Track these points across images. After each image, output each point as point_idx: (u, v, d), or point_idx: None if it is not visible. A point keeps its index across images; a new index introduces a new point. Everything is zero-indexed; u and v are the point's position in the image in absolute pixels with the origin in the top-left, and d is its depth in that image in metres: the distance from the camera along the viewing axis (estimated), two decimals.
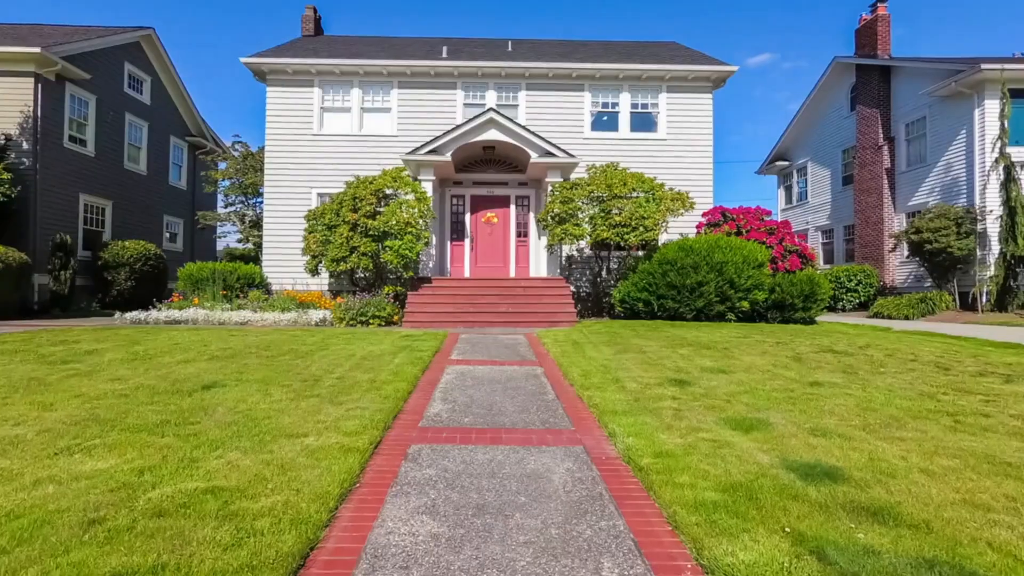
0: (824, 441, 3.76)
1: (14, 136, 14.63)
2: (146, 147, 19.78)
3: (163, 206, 21.00)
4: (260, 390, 5.19)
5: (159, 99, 20.55)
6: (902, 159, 19.01)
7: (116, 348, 7.52)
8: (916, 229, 16.12)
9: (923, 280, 17.67)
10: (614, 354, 7.54)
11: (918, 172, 18.28)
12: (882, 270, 19.17)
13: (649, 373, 6.17)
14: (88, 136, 16.91)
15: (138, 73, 19.27)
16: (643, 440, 3.78)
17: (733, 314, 12.28)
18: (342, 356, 7.14)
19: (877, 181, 19.51)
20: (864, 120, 20.09)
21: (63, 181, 15.82)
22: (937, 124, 17.47)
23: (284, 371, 6.10)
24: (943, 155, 17.18)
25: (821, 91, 22.95)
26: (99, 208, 17.53)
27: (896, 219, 19.17)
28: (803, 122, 24.73)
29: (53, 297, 14.56)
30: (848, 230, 21.91)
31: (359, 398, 4.95)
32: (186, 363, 6.48)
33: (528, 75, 15.71)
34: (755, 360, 6.98)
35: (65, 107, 15.90)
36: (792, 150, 26.00)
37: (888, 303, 16.30)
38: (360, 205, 12.64)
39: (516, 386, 5.77)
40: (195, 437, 3.73)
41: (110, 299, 16.23)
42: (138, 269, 16.48)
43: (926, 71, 17.73)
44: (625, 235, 12.44)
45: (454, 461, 3.52)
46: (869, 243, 19.91)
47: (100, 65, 17.17)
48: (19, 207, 14.46)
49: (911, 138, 18.71)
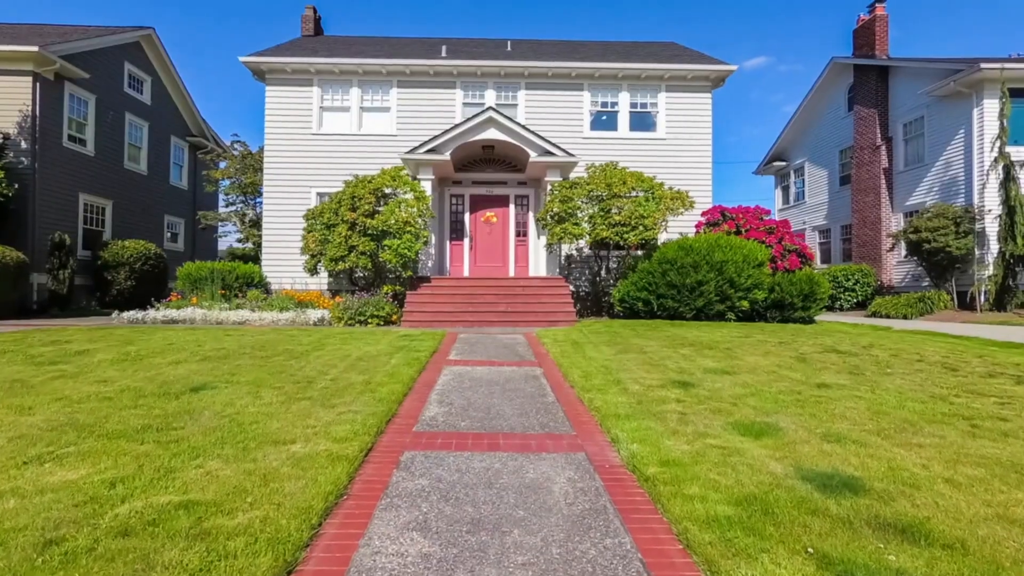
0: (839, 448, 3.51)
1: (12, 135, 14.36)
2: (147, 147, 19.50)
3: (164, 206, 20.72)
4: (250, 392, 4.94)
5: (160, 99, 20.28)
6: (900, 159, 18.76)
7: (108, 348, 7.26)
8: (915, 228, 15.87)
9: (921, 279, 17.42)
10: (615, 354, 7.29)
11: (916, 172, 18.03)
12: (880, 269, 18.92)
13: (652, 374, 5.91)
14: (88, 136, 16.63)
15: (138, 73, 18.99)
16: (648, 447, 3.53)
17: (733, 313, 12.04)
18: (337, 357, 6.89)
19: (875, 181, 19.26)
20: (862, 120, 19.83)
21: (62, 180, 15.55)
22: (935, 124, 17.22)
23: (277, 372, 5.85)
24: (941, 155, 16.93)
25: (818, 92, 22.70)
26: (99, 208, 17.26)
27: (894, 219, 18.92)
28: (800, 123, 24.48)
29: (52, 296, 14.30)
30: (845, 230, 21.66)
31: (352, 401, 4.70)
32: (177, 364, 6.22)
33: (527, 74, 15.45)
34: (759, 361, 6.73)
35: (64, 106, 15.63)
36: (789, 151, 25.75)
37: (886, 302, 16.06)
38: (359, 204, 12.38)
39: (515, 388, 5.52)
40: (176, 444, 3.48)
41: (110, 299, 15.96)
42: (138, 269, 16.21)
43: (924, 71, 17.48)
44: (625, 234, 12.19)
45: (449, 470, 3.27)
46: (867, 243, 19.66)
47: (100, 65, 16.90)
48: (18, 206, 14.19)
49: (909, 138, 18.46)
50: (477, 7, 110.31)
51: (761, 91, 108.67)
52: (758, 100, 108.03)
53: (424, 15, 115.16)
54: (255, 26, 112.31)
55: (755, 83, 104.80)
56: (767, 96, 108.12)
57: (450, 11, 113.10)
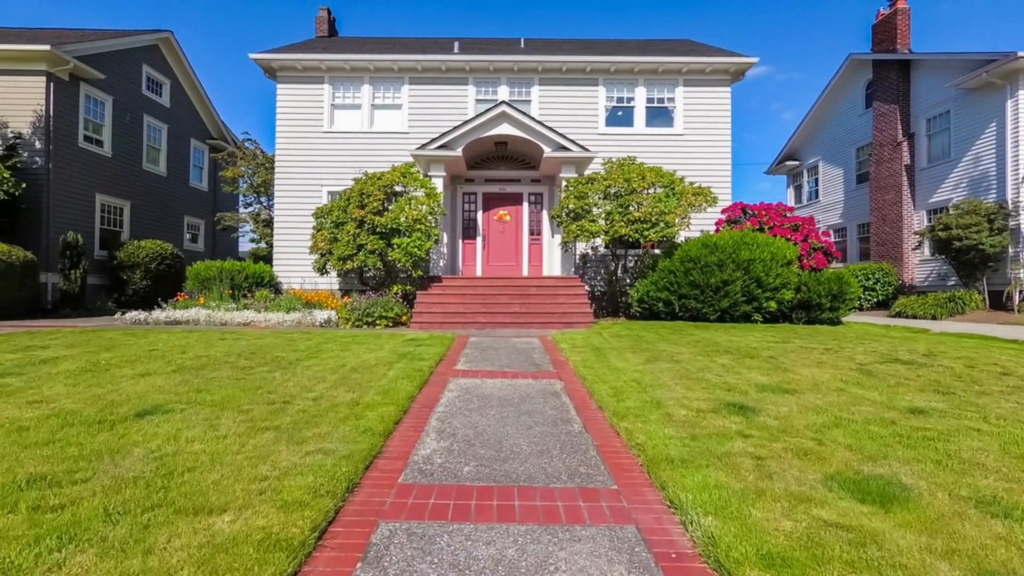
0: (1019, 528, 2.22)
1: (26, 135, 13.43)
2: (165, 149, 18.54)
3: (184, 207, 19.78)
4: (208, 418, 3.76)
5: (179, 102, 19.32)
6: (923, 155, 17.17)
7: (81, 356, 6.15)
8: (944, 226, 14.31)
9: (946, 278, 15.86)
10: (644, 364, 6.02)
11: (941, 168, 16.44)
12: (901, 268, 17.35)
13: (695, 393, 4.64)
14: (105, 136, 15.69)
15: (157, 76, 18.03)
16: (731, 524, 2.27)
17: (759, 315, 10.67)
18: (330, 367, 5.70)
19: (895, 178, 17.68)
20: (881, 117, 18.25)
21: (78, 180, 14.61)
22: (963, 118, 15.63)
23: (253, 389, 4.67)
24: (970, 149, 15.34)
25: (834, 90, 21.10)
26: (117, 208, 16.32)
27: (916, 216, 17.34)
28: (814, 122, 22.87)
29: (63, 296, 13.35)
30: (862, 228, 20.08)
31: (329, 433, 3.49)
32: (143, 377, 5.07)
33: (541, 69, 14.18)
34: (815, 373, 5.41)
35: (80, 107, 14.68)
36: (802, 150, 24.14)
37: (912, 302, 14.55)
38: (367, 201, 11.22)
39: (532, 410, 4.29)
40: (53, 513, 2.30)
41: (126, 298, 15.02)
42: (154, 268, 15.25)
43: (951, 64, 15.89)
44: (645, 231, 10.88)
45: (440, 565, 2.04)
46: (886, 241, 18.09)
47: (116, 67, 15.96)
48: (31, 206, 13.27)
49: (933, 133, 16.86)
50: (489, 9, 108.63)
51: (761, 99, 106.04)
52: (758, 108, 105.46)
53: (438, 21, 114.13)
54: (273, 33, 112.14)
55: (755, 91, 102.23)
56: (766, 104, 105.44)
57: (462, 16, 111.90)
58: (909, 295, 16.29)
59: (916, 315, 14.01)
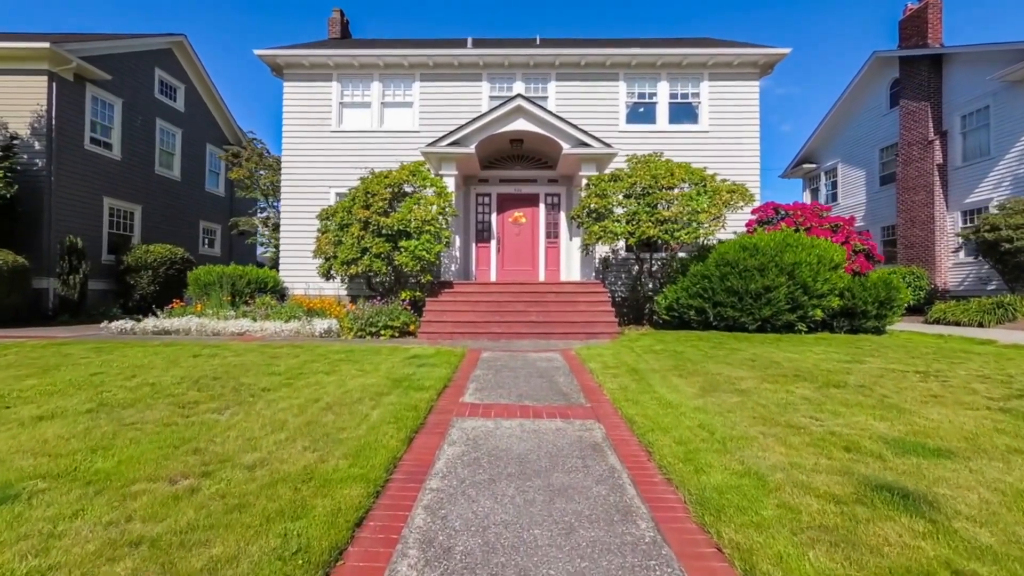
0: None
1: (24, 136, 12.13)
2: (179, 153, 17.24)
3: (199, 212, 18.46)
4: (56, 517, 2.21)
5: (194, 107, 18.02)
6: (956, 154, 15.23)
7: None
8: (992, 226, 12.40)
9: (987, 282, 13.92)
10: (701, 395, 4.37)
11: (979, 167, 14.50)
12: (932, 272, 15.42)
13: (803, 455, 2.98)
14: (114, 139, 14.38)
15: (170, 80, 16.74)
16: None
17: (803, 324, 8.94)
18: (299, 402, 4.13)
19: (926, 178, 15.76)
20: (909, 115, 16.33)
21: (83, 184, 13.29)
22: (1004, 113, 13.70)
23: (175, 444, 3.11)
24: (1014, 146, 13.41)
25: (855, 91, 19.16)
26: (126, 212, 15.01)
27: (949, 217, 15.39)
28: (832, 125, 20.93)
29: (62, 302, 12.01)
30: (887, 231, 18.13)
31: (233, 556, 1.91)
32: (38, 422, 3.54)
33: (558, 64, 12.57)
34: (948, 417, 3.71)
35: (86, 108, 13.38)
36: (819, 152, 22.20)
37: (952, 308, 12.63)
38: (372, 201, 9.70)
39: (569, 485, 2.67)
40: None
41: (133, 303, 13.66)
42: (163, 273, 13.86)
43: (988, 55, 13.97)
44: (675, 232, 9.19)
45: None
46: (916, 243, 16.16)
47: (127, 69, 14.67)
48: (30, 209, 11.96)
49: (968, 130, 14.93)
50: (506, 8, 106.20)
51: (762, 107, 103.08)
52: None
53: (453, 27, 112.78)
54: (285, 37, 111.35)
55: None
56: (765, 115, 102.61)
57: (479, 15, 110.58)
58: (943, 300, 14.39)
59: (959, 322, 12.10)
